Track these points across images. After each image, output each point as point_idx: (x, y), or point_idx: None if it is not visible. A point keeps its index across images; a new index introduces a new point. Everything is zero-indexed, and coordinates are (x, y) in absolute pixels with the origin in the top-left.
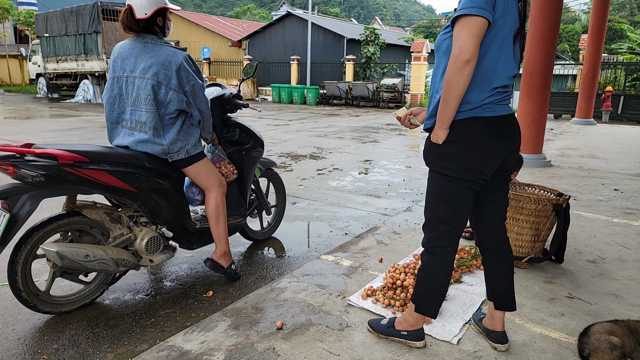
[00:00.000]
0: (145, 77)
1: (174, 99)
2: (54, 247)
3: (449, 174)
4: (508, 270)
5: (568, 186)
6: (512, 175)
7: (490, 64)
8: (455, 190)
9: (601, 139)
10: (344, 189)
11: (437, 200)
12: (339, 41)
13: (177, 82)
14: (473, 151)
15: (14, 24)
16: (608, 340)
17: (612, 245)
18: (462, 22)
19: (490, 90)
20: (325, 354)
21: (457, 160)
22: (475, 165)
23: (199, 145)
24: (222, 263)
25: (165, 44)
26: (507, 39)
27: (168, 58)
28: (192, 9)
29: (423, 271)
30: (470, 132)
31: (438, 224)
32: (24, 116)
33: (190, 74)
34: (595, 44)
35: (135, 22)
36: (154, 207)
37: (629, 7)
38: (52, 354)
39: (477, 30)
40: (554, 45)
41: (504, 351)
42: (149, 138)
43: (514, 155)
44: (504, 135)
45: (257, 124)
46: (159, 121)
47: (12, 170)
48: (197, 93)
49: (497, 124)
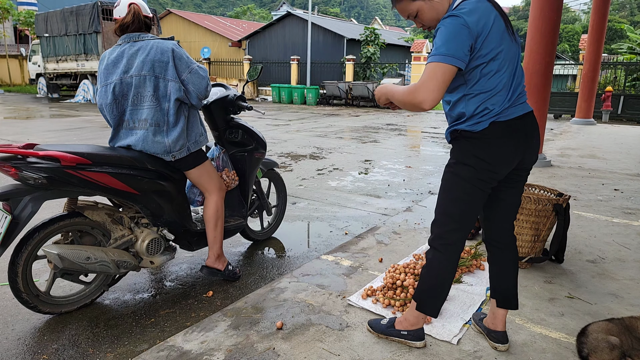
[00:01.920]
0: (142, 73)
1: (173, 89)
2: (55, 249)
3: (461, 173)
4: (513, 268)
5: (568, 186)
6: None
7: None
8: (466, 188)
9: (601, 139)
10: (344, 189)
11: (448, 198)
12: (339, 41)
13: (174, 71)
14: (487, 151)
15: (14, 24)
16: (607, 340)
17: (612, 245)
18: (438, 66)
19: (505, 102)
20: (325, 354)
21: (472, 160)
22: (487, 166)
23: (199, 142)
24: (218, 267)
25: (152, 37)
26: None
27: (159, 48)
28: (192, 9)
29: (427, 268)
30: (486, 134)
31: (447, 221)
32: (24, 116)
33: (183, 60)
34: (595, 44)
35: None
36: (155, 208)
37: (629, 7)
38: (52, 354)
39: (448, 77)
40: (554, 45)
41: (504, 351)
42: (150, 135)
43: (532, 155)
44: (519, 136)
45: (257, 124)
46: (161, 117)
47: (14, 171)
48: (194, 80)
49: (514, 126)
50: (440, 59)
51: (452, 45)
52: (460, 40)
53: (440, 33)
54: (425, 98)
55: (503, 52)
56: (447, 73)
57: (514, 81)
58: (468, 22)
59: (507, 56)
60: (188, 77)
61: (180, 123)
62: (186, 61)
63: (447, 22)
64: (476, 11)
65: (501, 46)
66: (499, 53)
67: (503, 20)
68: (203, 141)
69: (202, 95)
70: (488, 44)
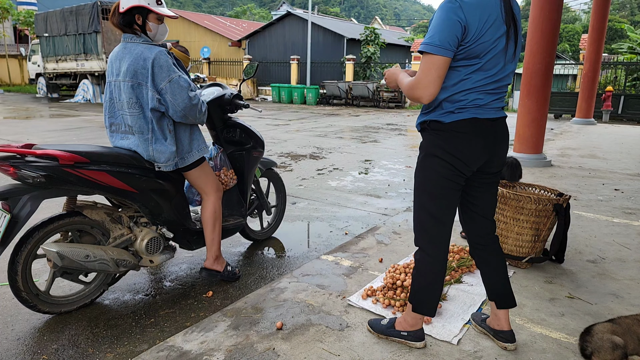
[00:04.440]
0: (126, 79)
1: (150, 98)
2: (54, 248)
3: (431, 166)
4: (502, 267)
5: (568, 186)
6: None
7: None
8: (438, 182)
9: (601, 138)
10: (344, 189)
11: (423, 195)
12: (339, 41)
13: (152, 80)
14: (454, 144)
15: (14, 24)
16: (610, 340)
17: (613, 245)
18: (431, 60)
19: (477, 93)
20: (325, 354)
21: (439, 151)
22: (455, 159)
23: (190, 156)
24: (217, 268)
25: (145, 42)
26: (493, 48)
27: (142, 55)
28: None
29: (416, 269)
30: (455, 127)
31: (425, 218)
32: (24, 116)
33: (164, 69)
34: (596, 44)
35: (117, 17)
36: (154, 207)
37: (629, 7)
38: (52, 354)
39: (442, 71)
40: (554, 45)
41: (513, 350)
42: (141, 141)
43: (499, 159)
44: (488, 138)
45: (257, 124)
46: (144, 125)
47: (12, 171)
48: (174, 90)
49: (483, 126)
50: (433, 49)
51: (445, 35)
52: (452, 31)
53: (436, 19)
54: (422, 94)
55: (493, 51)
56: (441, 67)
57: (496, 84)
58: (464, 11)
59: (499, 58)
60: (167, 87)
61: (166, 135)
62: (167, 70)
63: (444, 7)
64: (478, 4)
65: (494, 44)
66: (489, 51)
67: (507, 19)
68: (193, 157)
69: (179, 108)
70: (478, 38)
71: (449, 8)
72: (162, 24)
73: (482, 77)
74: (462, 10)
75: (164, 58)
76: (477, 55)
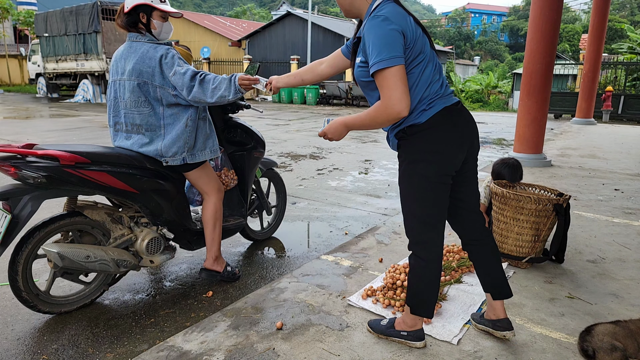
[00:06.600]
0: (131, 78)
1: (164, 95)
2: (55, 248)
3: (418, 171)
4: (495, 259)
5: (568, 186)
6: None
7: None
8: (427, 186)
9: (601, 138)
10: (344, 188)
11: (411, 200)
12: (339, 41)
13: (161, 77)
14: (438, 139)
15: (14, 24)
16: (610, 342)
17: (613, 245)
18: (390, 73)
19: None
20: (325, 354)
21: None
22: (442, 156)
23: (201, 155)
24: (216, 269)
25: (150, 40)
26: (424, 43)
27: (148, 54)
28: (192, 8)
29: (411, 273)
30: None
31: (415, 224)
32: (24, 116)
33: (170, 64)
34: (596, 44)
35: (122, 18)
36: (155, 208)
37: (629, 7)
38: (52, 354)
39: (405, 78)
40: (554, 45)
41: (512, 337)
42: (146, 139)
43: (477, 142)
44: (462, 121)
45: (257, 124)
46: (155, 121)
47: (13, 171)
48: (176, 79)
49: (454, 111)
50: (388, 62)
51: (392, 48)
52: (395, 41)
53: (374, 38)
54: (401, 108)
55: (425, 46)
56: (403, 75)
57: (440, 73)
58: (396, 23)
59: (429, 52)
60: (174, 79)
61: (176, 129)
62: (171, 64)
63: (376, 25)
64: (398, 13)
65: (423, 41)
66: (423, 48)
67: (415, 21)
68: (204, 156)
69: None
70: (414, 40)
71: (380, 24)
72: (167, 22)
73: (432, 69)
74: (392, 21)
75: (171, 54)
76: (421, 51)
